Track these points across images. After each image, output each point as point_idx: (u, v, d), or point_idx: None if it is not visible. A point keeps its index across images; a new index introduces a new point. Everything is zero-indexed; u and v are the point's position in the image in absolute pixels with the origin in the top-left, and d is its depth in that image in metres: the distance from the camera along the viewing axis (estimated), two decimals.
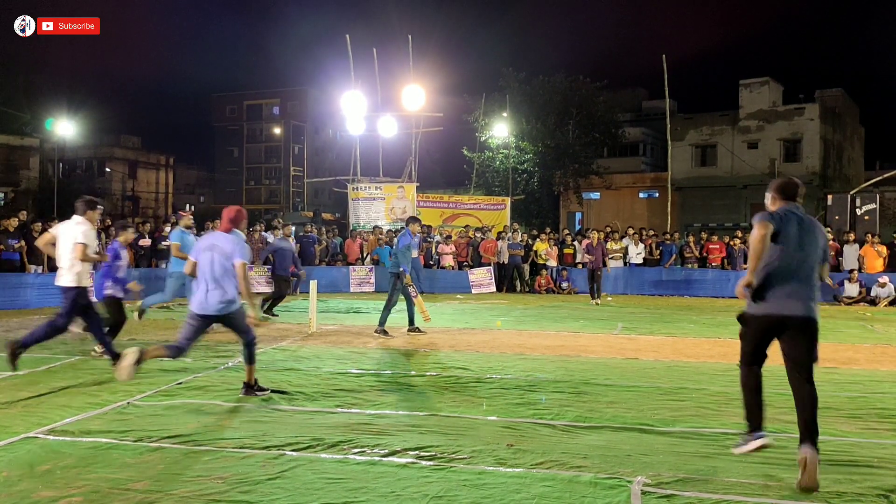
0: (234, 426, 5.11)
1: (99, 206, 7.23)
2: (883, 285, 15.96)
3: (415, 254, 10.66)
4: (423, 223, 10.95)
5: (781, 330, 4.32)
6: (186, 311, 6.06)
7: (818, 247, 4.38)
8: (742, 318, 4.48)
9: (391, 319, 10.10)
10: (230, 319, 5.91)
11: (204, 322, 5.88)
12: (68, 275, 6.75)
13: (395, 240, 10.72)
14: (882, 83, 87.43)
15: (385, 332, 9.84)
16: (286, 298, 16.12)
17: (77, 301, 6.78)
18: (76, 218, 6.89)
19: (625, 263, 18.97)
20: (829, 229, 18.68)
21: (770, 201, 4.56)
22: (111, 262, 8.03)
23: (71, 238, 6.75)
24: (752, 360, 4.47)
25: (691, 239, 19.23)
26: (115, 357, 6.71)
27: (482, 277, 18.59)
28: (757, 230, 4.28)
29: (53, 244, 6.95)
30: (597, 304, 15.44)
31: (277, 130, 77.53)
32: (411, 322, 10.23)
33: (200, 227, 18.44)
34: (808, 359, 4.35)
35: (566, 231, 21.92)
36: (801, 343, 4.30)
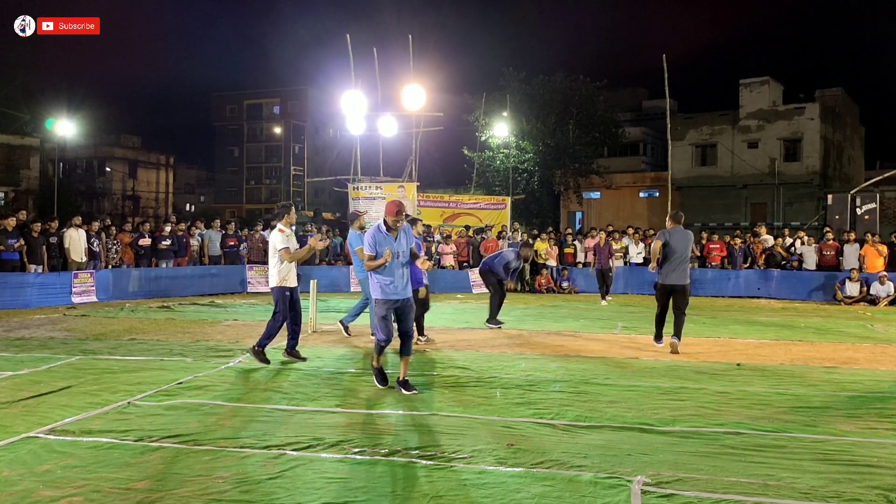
0: (235, 426, 5.11)
1: (292, 208, 8.06)
2: (883, 283, 15.96)
3: None
4: (423, 223, 11.08)
5: (673, 291, 8.68)
6: (187, 310, 6.07)
7: (688, 247, 8.66)
8: (655, 286, 8.99)
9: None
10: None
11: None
12: (272, 276, 7.76)
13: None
14: (882, 83, 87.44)
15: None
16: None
17: (281, 298, 7.67)
18: (278, 225, 7.89)
19: (625, 263, 18.99)
20: (828, 229, 18.73)
21: (668, 223, 8.85)
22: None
23: (272, 244, 7.77)
24: (663, 307, 8.91)
25: None
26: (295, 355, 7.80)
27: None
28: (655, 243, 8.78)
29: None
30: (606, 302, 15.70)
31: (278, 130, 77.51)
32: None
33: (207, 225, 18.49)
34: (684, 305, 8.70)
35: (568, 231, 21.93)
36: (680, 297, 8.68)
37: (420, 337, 9.25)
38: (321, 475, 4.09)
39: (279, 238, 7.74)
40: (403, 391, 6.18)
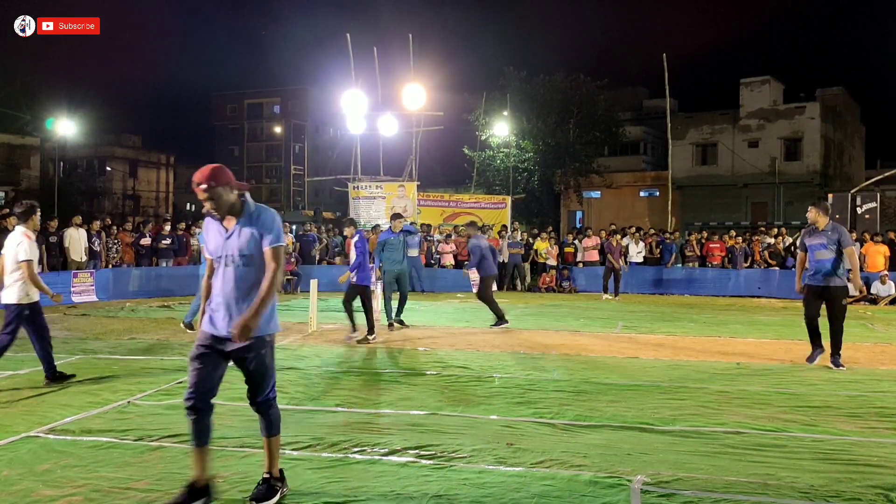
0: (235, 425, 5.11)
1: (36, 211, 6.54)
2: (883, 282, 15.96)
3: (414, 252, 10.81)
4: (404, 219, 11.28)
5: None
6: (187, 310, 6.04)
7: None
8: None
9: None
10: None
11: None
12: (11, 291, 6.38)
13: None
14: (883, 82, 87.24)
15: (401, 323, 10.74)
16: (289, 296, 16.15)
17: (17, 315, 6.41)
18: (21, 228, 6.42)
19: (625, 262, 19.01)
20: None
21: (817, 216, 7.71)
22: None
23: (16, 251, 6.33)
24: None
25: (692, 237, 19.25)
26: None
27: None
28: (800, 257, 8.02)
29: None
30: (612, 300, 16.22)
31: (278, 129, 77.51)
32: (398, 314, 10.80)
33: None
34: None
35: (572, 233, 21.94)
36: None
37: (369, 335, 9.24)
38: (321, 474, 4.09)
39: (28, 246, 6.31)
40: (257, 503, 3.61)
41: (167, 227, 16.99)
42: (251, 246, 3.61)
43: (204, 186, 3.57)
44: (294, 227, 20.94)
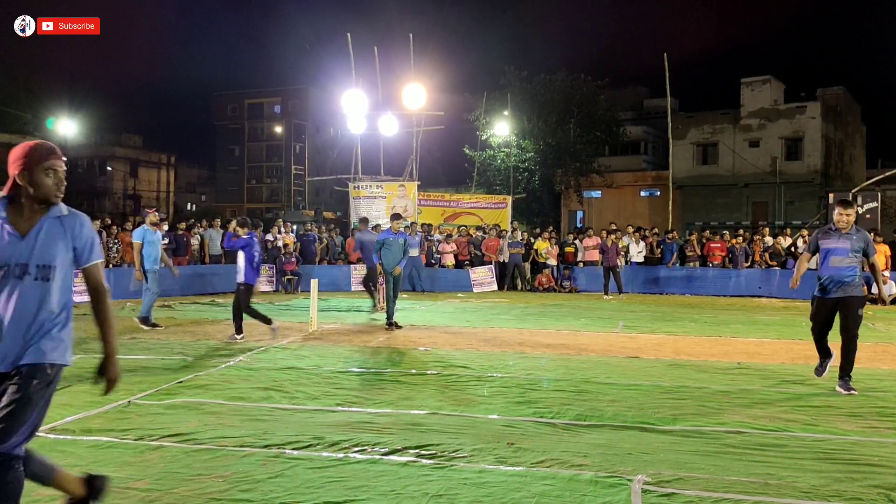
0: (235, 425, 5.11)
1: None
2: (884, 282, 15.94)
3: (415, 252, 10.87)
4: (404, 219, 11.45)
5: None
6: (188, 310, 6.02)
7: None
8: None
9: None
10: None
11: None
12: None
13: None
14: (884, 81, 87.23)
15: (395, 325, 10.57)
16: (290, 296, 16.16)
17: None
18: None
19: (626, 262, 19.01)
20: None
21: (852, 217, 6.57)
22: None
23: None
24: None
25: (693, 237, 19.23)
26: None
27: (483, 276, 18.60)
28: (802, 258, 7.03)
29: None
30: (612, 299, 16.27)
31: (279, 129, 77.55)
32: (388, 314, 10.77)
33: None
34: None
35: (573, 233, 21.94)
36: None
37: (237, 335, 9.18)
38: (321, 474, 4.08)
39: None
40: None
41: (164, 227, 16.97)
42: (55, 255, 2.81)
43: (52, 162, 2.88)
44: (295, 227, 20.96)
